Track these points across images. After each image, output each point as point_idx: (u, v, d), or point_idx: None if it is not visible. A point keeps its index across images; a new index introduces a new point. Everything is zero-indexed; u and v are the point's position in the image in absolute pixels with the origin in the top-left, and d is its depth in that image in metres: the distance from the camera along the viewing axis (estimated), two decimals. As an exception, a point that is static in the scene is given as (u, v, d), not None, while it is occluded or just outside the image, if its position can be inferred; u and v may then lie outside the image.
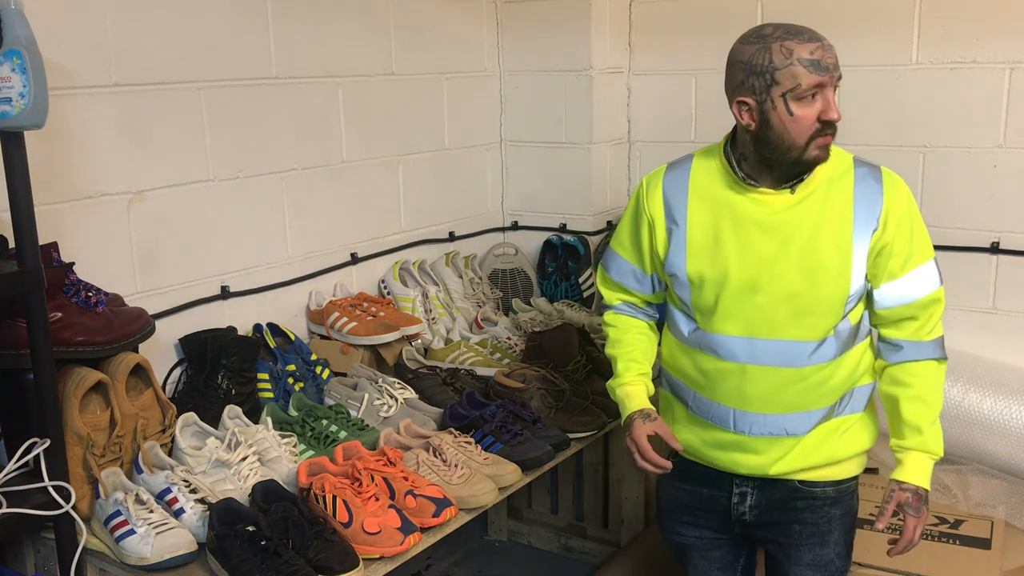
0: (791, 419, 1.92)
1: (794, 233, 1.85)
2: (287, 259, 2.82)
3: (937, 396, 1.98)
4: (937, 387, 1.98)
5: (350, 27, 2.92)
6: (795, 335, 1.87)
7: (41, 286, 1.77)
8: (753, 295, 1.87)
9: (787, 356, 1.88)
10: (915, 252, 1.90)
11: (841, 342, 1.91)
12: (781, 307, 1.86)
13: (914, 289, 1.92)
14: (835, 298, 1.86)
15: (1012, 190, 2.91)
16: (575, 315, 3.28)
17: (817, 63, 1.76)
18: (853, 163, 1.91)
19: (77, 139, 2.24)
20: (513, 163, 3.64)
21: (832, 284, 1.85)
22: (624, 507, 3.24)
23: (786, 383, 1.89)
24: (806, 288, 1.85)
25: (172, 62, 2.42)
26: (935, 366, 1.98)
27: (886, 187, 1.88)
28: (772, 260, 1.86)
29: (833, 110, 1.78)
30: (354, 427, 2.35)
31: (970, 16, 2.87)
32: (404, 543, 1.90)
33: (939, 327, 1.99)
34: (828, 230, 1.85)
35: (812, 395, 1.91)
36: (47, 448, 1.82)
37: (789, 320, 1.87)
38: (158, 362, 2.37)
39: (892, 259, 1.89)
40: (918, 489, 1.93)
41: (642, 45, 3.50)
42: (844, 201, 1.85)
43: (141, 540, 1.85)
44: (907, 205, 1.90)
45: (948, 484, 2.81)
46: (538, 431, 2.37)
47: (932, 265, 1.94)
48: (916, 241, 1.91)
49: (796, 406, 1.91)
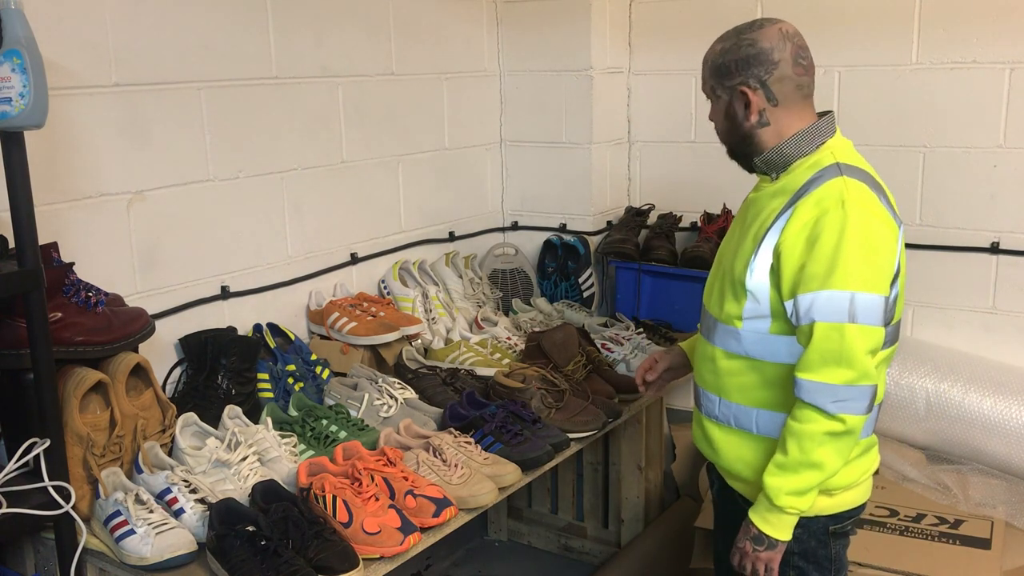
0: (708, 397, 1.96)
1: (751, 216, 1.91)
2: (287, 259, 2.82)
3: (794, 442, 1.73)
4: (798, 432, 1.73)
5: (350, 27, 2.92)
6: (714, 311, 1.94)
7: (41, 286, 1.77)
8: (718, 267, 1.99)
9: (707, 328, 1.97)
10: (813, 275, 1.71)
11: (750, 342, 1.85)
12: (718, 282, 1.95)
13: (802, 313, 1.73)
14: (737, 285, 1.85)
15: (1012, 190, 2.91)
16: (575, 315, 3.28)
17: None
18: (827, 165, 1.80)
19: (77, 139, 2.24)
20: (513, 163, 3.64)
21: (740, 270, 1.85)
22: (624, 507, 3.24)
23: (705, 357, 1.97)
24: (729, 269, 1.90)
25: (172, 62, 2.42)
26: (806, 413, 1.72)
27: (814, 192, 1.76)
28: (733, 238, 1.95)
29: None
30: (354, 427, 2.35)
31: (970, 16, 2.87)
32: (404, 543, 1.90)
33: (828, 372, 1.69)
34: (759, 219, 1.85)
35: (721, 381, 1.92)
36: (47, 448, 1.82)
37: (717, 296, 1.94)
38: (158, 362, 2.37)
39: (787, 271, 1.75)
40: (760, 536, 1.80)
41: (642, 45, 3.50)
42: (785, 197, 1.82)
43: (141, 540, 1.85)
44: (819, 220, 1.72)
45: (948, 484, 2.81)
46: (538, 431, 2.37)
47: (827, 296, 1.69)
48: (817, 263, 1.71)
49: (711, 386, 1.95)
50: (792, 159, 1.84)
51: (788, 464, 1.75)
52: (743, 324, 1.85)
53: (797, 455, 1.74)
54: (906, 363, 2.93)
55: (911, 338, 3.08)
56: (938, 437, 2.91)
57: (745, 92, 1.83)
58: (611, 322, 3.24)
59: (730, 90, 1.85)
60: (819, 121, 1.86)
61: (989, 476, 2.83)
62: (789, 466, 1.75)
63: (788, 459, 1.75)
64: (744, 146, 1.89)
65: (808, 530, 1.88)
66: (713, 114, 1.94)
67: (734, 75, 1.83)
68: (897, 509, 2.73)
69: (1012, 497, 2.75)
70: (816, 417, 1.72)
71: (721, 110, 1.89)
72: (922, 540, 2.58)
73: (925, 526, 2.65)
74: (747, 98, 1.83)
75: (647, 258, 3.35)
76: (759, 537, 1.81)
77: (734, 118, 1.87)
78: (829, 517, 1.89)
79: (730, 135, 1.91)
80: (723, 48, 1.85)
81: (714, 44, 1.89)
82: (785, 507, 1.77)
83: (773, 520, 1.79)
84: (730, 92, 1.85)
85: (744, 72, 1.82)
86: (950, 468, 2.89)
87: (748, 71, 1.82)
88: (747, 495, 1.93)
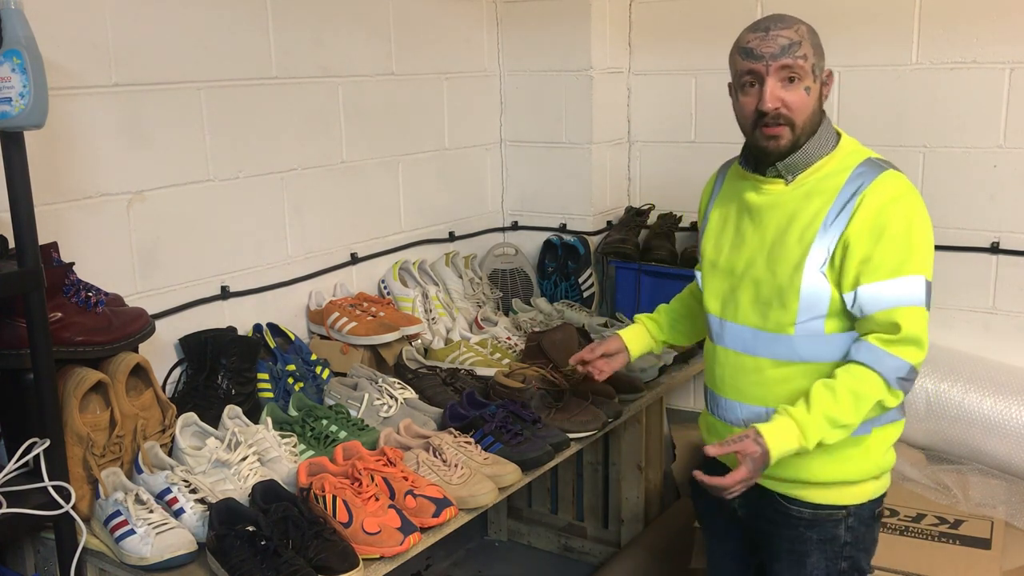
0: (751, 411, 1.93)
1: (773, 221, 1.88)
2: (287, 259, 2.82)
3: (851, 399, 1.76)
4: (859, 392, 1.76)
5: (350, 27, 2.92)
6: (754, 322, 1.90)
7: (41, 286, 1.77)
8: (729, 277, 1.96)
9: (745, 341, 1.92)
10: (884, 263, 1.75)
11: (804, 346, 1.85)
12: (746, 291, 1.91)
13: (876, 303, 1.76)
14: (787, 291, 1.83)
15: (1012, 190, 2.91)
16: (575, 315, 3.28)
17: (750, 51, 1.80)
18: (862, 161, 1.84)
19: (77, 139, 2.24)
20: (513, 163, 3.64)
21: (786, 276, 1.84)
22: (624, 507, 3.24)
23: (745, 370, 1.93)
24: (767, 276, 1.87)
25: (172, 62, 2.42)
26: (872, 378, 1.76)
27: (871, 187, 1.78)
28: (750, 245, 1.92)
29: (765, 100, 1.79)
30: (354, 427, 2.35)
31: (970, 16, 2.87)
32: (404, 543, 1.90)
33: (909, 351, 1.76)
34: (800, 223, 1.84)
35: (770, 392, 1.89)
36: (47, 448, 1.82)
37: (751, 306, 1.91)
38: (158, 362, 2.37)
39: (852, 263, 1.77)
40: (767, 452, 1.76)
41: (642, 45, 3.50)
42: (827, 197, 1.82)
43: (141, 540, 1.85)
44: (883, 210, 1.76)
45: (948, 484, 2.81)
46: (538, 431, 2.37)
47: (905, 282, 1.75)
48: (888, 252, 1.75)
49: (755, 398, 1.92)
50: (814, 160, 1.86)
51: (838, 420, 1.76)
52: (796, 328, 1.84)
53: (850, 416, 1.76)
54: (906, 363, 2.92)
55: (911, 338, 3.08)
56: (938, 437, 2.91)
57: (831, 73, 1.87)
58: (611, 322, 3.24)
59: (822, 70, 1.85)
60: (828, 121, 1.90)
61: (989, 476, 2.83)
62: (838, 422, 1.76)
63: (839, 415, 1.75)
64: (812, 134, 1.85)
65: (859, 517, 1.91)
66: (801, 98, 1.80)
67: (823, 56, 1.85)
68: (897, 509, 2.73)
69: (1012, 497, 2.75)
70: (882, 387, 1.76)
71: (817, 90, 1.84)
72: (922, 540, 2.58)
73: (925, 526, 2.65)
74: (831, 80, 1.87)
75: (647, 258, 3.35)
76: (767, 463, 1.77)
77: (820, 101, 1.86)
78: (875, 500, 1.94)
79: (813, 120, 1.84)
80: (810, 29, 1.82)
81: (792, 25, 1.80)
82: (807, 448, 1.77)
83: (784, 451, 1.77)
84: (821, 72, 1.85)
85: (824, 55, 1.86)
86: (950, 468, 2.89)
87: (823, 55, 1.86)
88: (802, 498, 1.91)
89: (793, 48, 1.78)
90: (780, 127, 1.81)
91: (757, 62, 1.79)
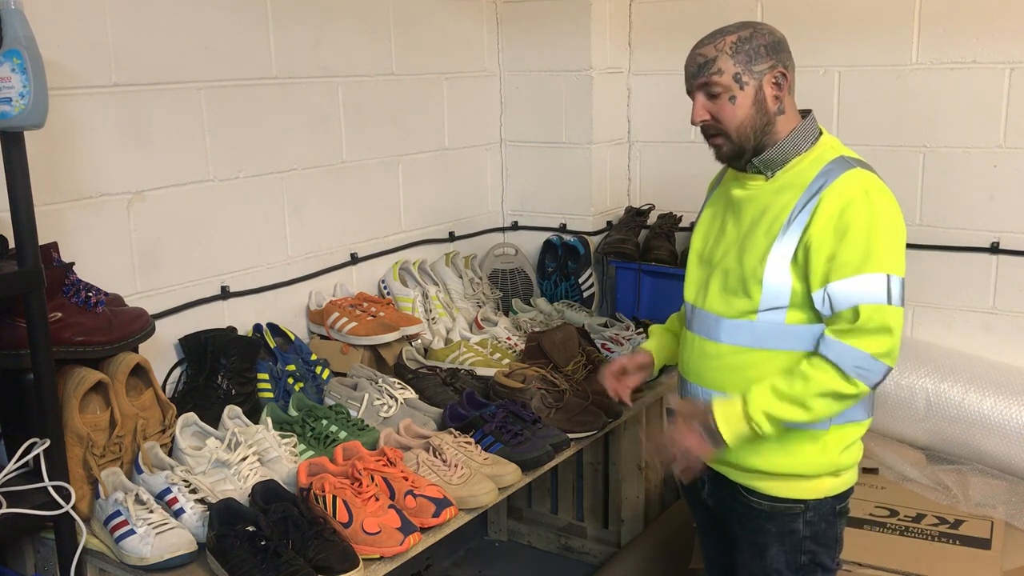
0: (711, 396, 1.95)
1: (749, 214, 1.93)
2: (287, 259, 2.82)
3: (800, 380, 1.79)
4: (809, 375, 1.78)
5: (350, 27, 2.92)
6: (719, 309, 1.94)
7: (41, 286, 1.77)
8: (707, 267, 2.01)
9: (707, 327, 1.96)
10: (848, 261, 1.76)
11: (764, 335, 1.87)
12: (716, 280, 1.96)
13: (842, 300, 1.78)
14: (750, 280, 1.87)
15: (1012, 190, 2.91)
16: (575, 315, 3.28)
17: (686, 69, 1.92)
18: (833, 159, 1.86)
19: (77, 139, 2.24)
20: (513, 163, 3.64)
21: (751, 266, 1.87)
22: (624, 507, 3.24)
23: (707, 355, 1.97)
24: (734, 266, 1.92)
25: (172, 62, 2.42)
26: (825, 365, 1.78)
27: (832, 185, 1.80)
28: (728, 237, 1.97)
29: (692, 116, 1.91)
30: (354, 427, 2.35)
31: (970, 16, 2.87)
32: (404, 543, 1.90)
33: (865, 341, 1.76)
34: (769, 215, 1.88)
35: (729, 377, 1.92)
36: (47, 448, 1.82)
37: (717, 293, 1.95)
38: (158, 362, 2.37)
39: (819, 260, 1.79)
40: (711, 410, 1.85)
41: (642, 45, 3.50)
42: (795, 192, 1.85)
43: (141, 540, 1.85)
44: (846, 208, 1.77)
45: (948, 484, 2.81)
46: (538, 431, 2.37)
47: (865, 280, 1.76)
48: (850, 250, 1.76)
49: (715, 383, 1.96)
50: (791, 156, 1.89)
51: (784, 394, 1.80)
52: (758, 317, 1.87)
53: (799, 391, 1.79)
54: (906, 363, 2.92)
55: (911, 338, 3.08)
56: (938, 437, 2.91)
57: (784, 73, 1.86)
58: (611, 322, 3.24)
59: (760, 74, 1.85)
60: (810, 119, 1.93)
61: (989, 476, 2.83)
62: (784, 395, 1.80)
63: (787, 390, 1.80)
64: (762, 135, 1.88)
65: (819, 513, 1.94)
66: (725, 109, 1.86)
67: (766, 58, 1.85)
68: (897, 509, 2.73)
69: (1012, 497, 2.75)
70: (832, 373, 1.78)
71: (749, 96, 1.85)
72: (922, 540, 2.58)
73: (925, 526, 2.65)
74: (785, 79, 1.87)
75: (647, 258, 3.35)
76: (711, 430, 1.85)
77: (762, 104, 1.86)
78: (835, 497, 1.96)
79: (753, 124, 1.87)
80: (741, 37, 1.85)
81: (717, 40, 1.87)
82: (753, 420, 1.82)
83: (733, 423, 1.84)
84: (760, 77, 1.85)
85: (776, 55, 1.86)
86: (950, 468, 2.89)
87: (779, 55, 1.86)
88: (760, 489, 1.94)
89: (707, 66, 1.85)
90: (715, 137, 1.91)
91: (686, 81, 1.92)
